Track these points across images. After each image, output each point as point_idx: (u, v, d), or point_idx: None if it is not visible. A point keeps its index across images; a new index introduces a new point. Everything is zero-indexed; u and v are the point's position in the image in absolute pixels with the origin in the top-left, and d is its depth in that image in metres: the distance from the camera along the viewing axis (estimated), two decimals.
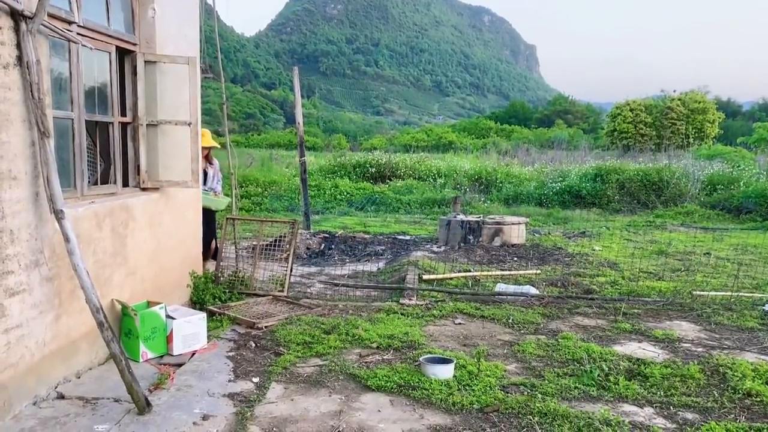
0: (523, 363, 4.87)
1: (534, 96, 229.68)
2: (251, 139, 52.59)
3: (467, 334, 5.65)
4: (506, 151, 31.93)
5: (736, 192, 16.91)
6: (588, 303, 6.75)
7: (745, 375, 4.53)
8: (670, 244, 10.84)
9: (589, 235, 12.28)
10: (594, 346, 5.14)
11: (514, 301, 6.83)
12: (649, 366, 4.70)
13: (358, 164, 21.79)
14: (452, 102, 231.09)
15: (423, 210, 16.61)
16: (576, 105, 78.17)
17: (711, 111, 46.05)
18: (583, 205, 17.28)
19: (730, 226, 14.60)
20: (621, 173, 18.18)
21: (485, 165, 21.75)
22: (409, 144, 43.26)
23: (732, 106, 61.68)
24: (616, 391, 4.29)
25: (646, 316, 6.34)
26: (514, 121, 68.79)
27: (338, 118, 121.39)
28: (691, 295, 7.01)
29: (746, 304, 6.79)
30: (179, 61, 5.38)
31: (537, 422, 3.74)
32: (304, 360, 4.79)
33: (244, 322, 5.65)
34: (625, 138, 44.92)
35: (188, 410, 3.81)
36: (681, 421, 3.88)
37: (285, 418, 3.75)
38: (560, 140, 40.84)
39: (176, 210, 5.83)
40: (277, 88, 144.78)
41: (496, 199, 17.81)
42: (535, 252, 10.01)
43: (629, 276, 8.09)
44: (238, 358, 4.80)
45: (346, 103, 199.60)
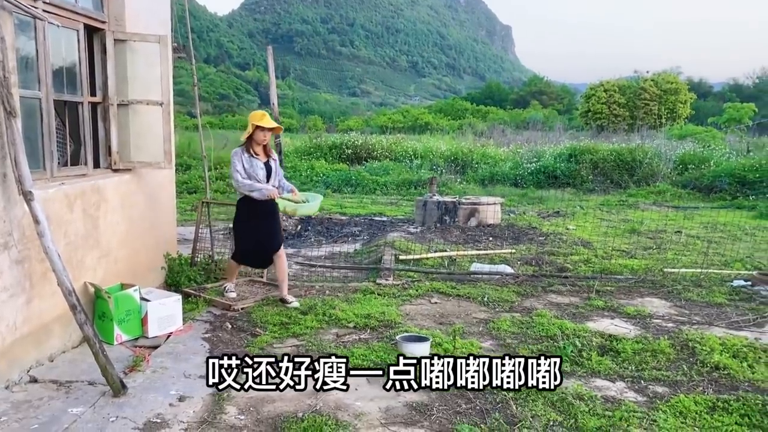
0: (498, 340, 4.94)
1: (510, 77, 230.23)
2: (225, 121, 51.90)
3: (443, 312, 5.71)
4: (482, 132, 32.02)
5: (707, 171, 17.20)
6: (562, 281, 6.85)
7: (713, 349, 4.66)
8: (642, 222, 11.02)
9: (563, 214, 12.42)
10: (567, 323, 5.23)
11: (490, 280, 6.90)
12: (621, 342, 4.80)
13: (335, 145, 21.68)
14: (428, 83, 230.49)
15: (399, 191, 16.62)
16: (551, 86, 78.55)
17: (683, 91, 46.60)
18: (558, 185, 17.45)
19: (701, 204, 14.87)
20: (595, 153, 18.37)
21: (461, 146, 21.78)
22: (385, 125, 43.13)
23: (703, 86, 62.49)
24: (589, 367, 4.38)
25: (619, 293, 6.46)
26: (490, 102, 68.91)
27: (314, 99, 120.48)
28: (662, 273, 7.16)
29: (715, 280, 6.96)
30: (150, 39, 5.28)
31: (512, 398, 3.80)
32: (280, 340, 4.80)
33: (220, 303, 5.63)
34: (599, 118, 45.30)
35: (164, 392, 3.80)
36: (651, 394, 3.98)
37: (262, 398, 3.76)
38: (535, 121, 41.05)
39: (149, 191, 5.76)
40: (252, 69, 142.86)
41: (472, 179, 17.89)
42: (510, 232, 10.10)
43: (602, 254, 8.22)
44: (214, 340, 4.79)
45: (322, 83, 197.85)
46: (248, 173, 5.47)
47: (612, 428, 3.45)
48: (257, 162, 5.53)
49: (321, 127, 44.79)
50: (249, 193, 5.45)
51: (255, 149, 5.53)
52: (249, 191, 5.44)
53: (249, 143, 5.52)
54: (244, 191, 5.47)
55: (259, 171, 5.51)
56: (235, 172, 5.45)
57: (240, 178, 5.43)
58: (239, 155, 5.49)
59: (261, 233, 5.63)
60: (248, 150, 5.51)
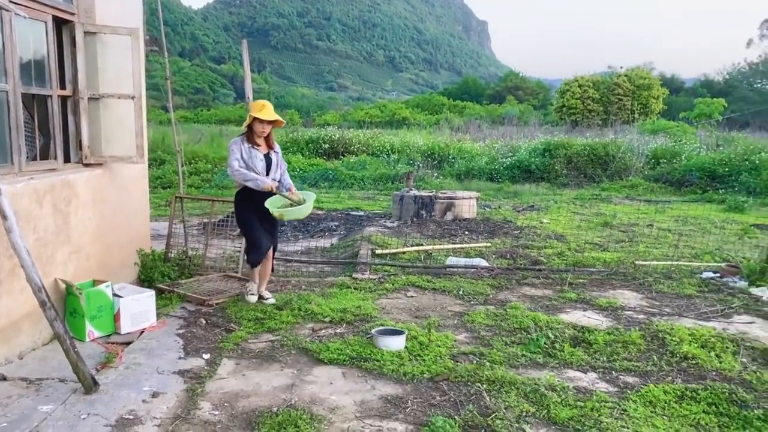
0: (472, 333, 4.99)
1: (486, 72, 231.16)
2: (201, 115, 51.34)
3: (419, 306, 5.73)
4: (459, 127, 32.14)
5: (678, 165, 17.51)
6: (535, 274, 6.93)
7: (683, 339, 4.75)
8: (615, 216, 11.18)
9: (537, 208, 12.54)
10: (541, 315, 5.30)
11: (465, 274, 6.95)
12: (593, 333, 4.88)
13: (311, 140, 21.61)
14: (406, 78, 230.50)
15: (376, 186, 16.63)
16: (526, 81, 79.01)
17: (656, 87, 47.26)
18: (533, 180, 17.61)
19: (672, 198, 15.15)
20: (569, 148, 18.57)
21: (438, 141, 21.86)
22: (362, 120, 42.99)
23: (675, 82, 63.41)
24: (562, 358, 4.44)
25: (591, 285, 6.55)
26: (466, 97, 69.13)
27: (290, 94, 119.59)
28: (634, 265, 7.28)
29: (685, 272, 7.09)
30: (121, 32, 5.21)
31: (485, 389, 3.84)
32: (255, 336, 4.78)
33: (194, 299, 5.59)
34: (573, 114, 45.75)
35: (137, 388, 3.77)
36: (622, 384, 4.05)
37: (236, 393, 3.75)
38: (511, 116, 41.28)
39: (122, 186, 5.69)
40: (227, 63, 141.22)
41: (449, 174, 17.97)
42: (485, 225, 10.17)
43: (575, 247, 8.33)
44: (188, 335, 4.76)
45: (299, 77, 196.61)
46: (246, 163, 5.25)
47: (583, 418, 3.50)
48: (257, 153, 5.31)
49: (298, 121, 44.52)
50: (243, 182, 5.23)
51: (256, 140, 5.33)
52: (243, 180, 5.22)
53: (249, 133, 5.32)
54: (238, 179, 5.25)
55: (258, 162, 5.29)
56: (232, 159, 5.22)
57: (236, 165, 5.21)
58: (238, 144, 5.30)
59: (262, 227, 5.43)
60: (248, 140, 5.31)
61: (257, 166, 5.27)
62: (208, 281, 6.23)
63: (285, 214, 5.27)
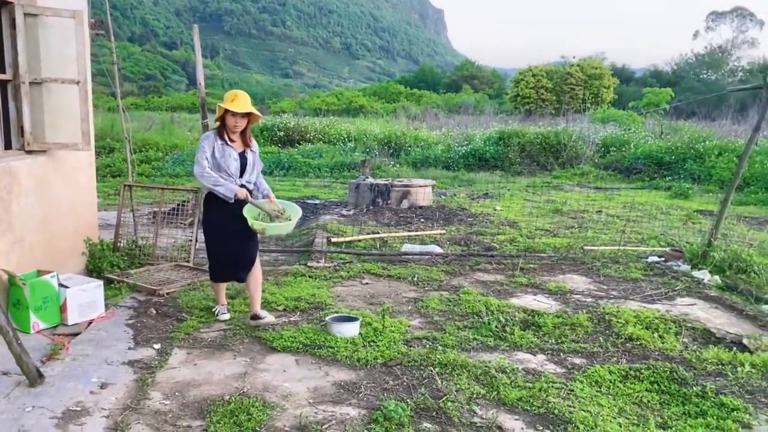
0: (426, 318, 5.05)
1: (442, 61, 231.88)
2: (152, 102, 50.03)
3: (374, 293, 5.77)
4: (415, 116, 32.23)
5: (627, 153, 18.00)
6: (488, 260, 7.05)
7: (628, 321, 4.92)
8: (566, 203, 11.44)
9: (491, 196, 12.72)
10: (492, 300, 5.40)
11: (420, 260, 7.02)
12: (543, 316, 5.00)
13: (266, 127, 21.33)
14: (362, 65, 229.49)
15: (333, 174, 16.57)
16: (482, 70, 79.60)
17: (607, 77, 48.26)
18: (487, 168, 17.83)
19: (621, 185, 15.57)
20: (522, 137, 18.84)
21: (395, 129, 21.87)
22: (319, 107, 42.67)
23: (626, 72, 64.83)
24: (512, 341, 4.54)
25: (542, 270, 6.70)
26: (423, 85, 69.25)
27: (245, 80, 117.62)
28: (583, 250, 7.47)
29: (632, 257, 7.32)
30: (64, 14, 5.04)
31: (437, 373, 3.91)
32: (207, 325, 4.74)
33: (144, 289, 5.49)
34: (527, 103, 46.37)
35: (85, 379, 3.69)
36: (570, 365, 4.17)
37: (188, 383, 3.71)
38: (467, 105, 41.60)
39: (67, 174, 5.53)
40: (179, 48, 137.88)
41: (405, 162, 18.03)
42: (441, 213, 10.27)
43: (527, 233, 8.50)
44: (138, 326, 4.68)
45: (253, 64, 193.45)
46: (218, 163, 4.50)
47: (532, 399, 3.60)
48: (230, 151, 4.55)
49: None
50: (212, 187, 4.46)
51: (230, 136, 4.60)
52: (212, 185, 4.45)
53: (222, 128, 4.59)
54: (207, 184, 4.47)
55: (232, 162, 4.54)
56: (200, 158, 4.45)
57: (205, 165, 4.45)
58: (210, 140, 4.53)
59: (232, 238, 4.64)
60: (221, 136, 4.57)
61: (230, 167, 4.54)
62: (159, 271, 6.12)
63: (267, 229, 4.60)
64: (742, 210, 11.51)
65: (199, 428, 3.18)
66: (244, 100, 4.54)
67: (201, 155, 4.47)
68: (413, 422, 3.29)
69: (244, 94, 4.64)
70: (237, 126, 4.58)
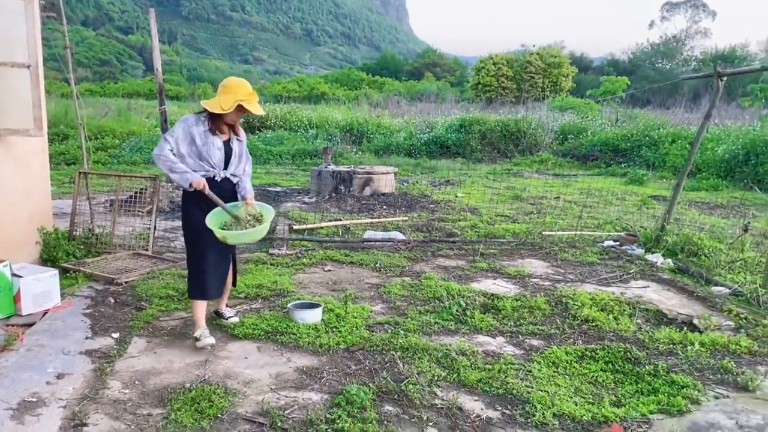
0: (388, 303, 5.09)
1: (404, 48, 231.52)
2: (107, 88, 48.61)
3: (336, 279, 5.78)
4: (378, 103, 32.18)
5: (585, 141, 18.37)
6: (450, 245, 7.13)
7: (584, 304, 5.05)
8: (525, 189, 11.63)
9: (453, 183, 12.84)
10: (454, 285, 5.48)
11: (382, 247, 7.05)
12: (502, 300, 5.09)
13: None
14: (324, 52, 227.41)
15: (294, 161, 16.48)
16: (444, 58, 79.85)
17: (565, 65, 48.98)
18: (449, 155, 17.98)
19: (579, 172, 15.89)
20: (483, 124, 19.03)
21: (357, 116, 21.84)
22: (280, 94, 42.23)
23: (584, 61, 65.85)
24: (472, 324, 4.62)
25: (501, 255, 6.82)
26: (385, 73, 69.12)
27: (203, 66, 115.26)
28: (541, 235, 7.62)
29: (588, 241, 7.50)
30: None
31: (399, 357, 3.95)
32: (167, 313, 4.68)
33: (102, 278, 5.39)
34: (488, 91, 46.73)
35: (41, 370, 3.62)
36: (528, 347, 4.27)
37: (148, 371, 3.67)
38: (429, 93, 41.78)
39: (19, 161, 5.37)
40: (135, 33, 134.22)
41: (367, 149, 18.03)
42: (403, 200, 10.32)
43: (487, 220, 8.62)
44: (96, 315, 4.59)
45: (212, 50, 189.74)
46: (199, 151, 3.95)
47: (491, 380, 3.67)
48: (215, 139, 3.99)
49: (211, 95, 43.13)
50: (168, 172, 3.89)
51: (219, 127, 4.05)
52: (168, 170, 3.87)
53: (214, 119, 4.00)
54: (162, 168, 3.88)
55: (215, 152, 3.99)
56: (165, 140, 3.89)
57: (165, 148, 3.87)
58: (189, 124, 3.95)
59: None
60: (211, 127, 4.01)
61: (213, 156, 3.99)
62: (117, 260, 6.01)
63: (229, 237, 3.92)
64: (694, 195, 11.88)
65: (160, 416, 3.16)
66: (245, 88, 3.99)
67: (168, 136, 3.89)
68: (375, 405, 3.33)
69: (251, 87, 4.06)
70: (236, 121, 4.09)
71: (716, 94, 6.84)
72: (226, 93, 3.94)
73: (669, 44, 63.68)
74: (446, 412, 3.30)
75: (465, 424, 3.20)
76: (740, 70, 8.03)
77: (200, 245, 4.06)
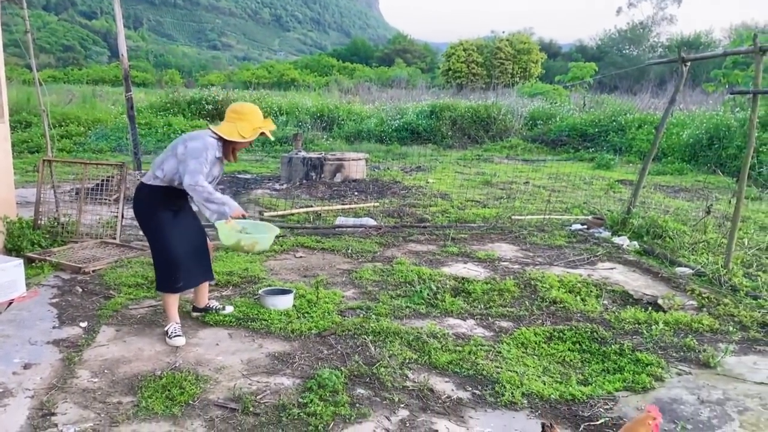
0: (360, 288, 5.11)
1: (374, 34, 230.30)
2: (71, 74, 47.48)
3: (308, 265, 5.78)
4: (348, 89, 32.01)
5: (553, 126, 18.56)
6: (421, 231, 7.17)
7: (552, 286, 5.14)
8: (495, 175, 11.73)
9: (424, 169, 12.88)
10: (425, 269, 5.52)
11: (354, 233, 7.06)
12: (472, 283, 5.15)
13: (194, 101, 20.68)
14: (293, 38, 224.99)
15: (264, 148, 16.31)
16: (414, 44, 79.65)
17: (534, 51, 49.33)
18: (420, 141, 18.00)
19: (548, 157, 16.07)
20: (454, 110, 19.07)
21: (327, 103, 21.70)
22: (249, 81, 41.67)
23: (553, 47, 66.34)
24: (443, 308, 4.67)
25: (472, 239, 6.89)
26: (356, 59, 68.77)
27: (170, 52, 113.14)
28: (511, 220, 7.72)
29: (556, 225, 7.61)
30: None
31: (371, 341, 3.98)
32: (137, 302, 4.63)
33: (68, 267, 5.30)
34: (459, 77, 46.85)
35: (6, 360, 3.56)
36: (497, 329, 4.34)
37: (117, 359, 3.64)
38: (400, 79, 41.64)
39: None
40: (99, 18, 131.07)
41: (338, 136, 17.96)
42: (374, 186, 10.33)
43: (458, 205, 8.69)
44: (63, 304, 4.53)
45: (179, 35, 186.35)
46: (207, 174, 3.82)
47: (461, 361, 3.73)
48: (218, 165, 3.92)
49: (179, 81, 42.47)
50: (203, 202, 3.72)
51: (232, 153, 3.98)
52: (204, 200, 3.71)
53: (227, 143, 3.90)
54: (197, 197, 3.72)
55: (215, 171, 3.92)
56: (199, 168, 3.70)
57: (201, 177, 3.70)
58: (216, 148, 3.84)
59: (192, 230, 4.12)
60: (224, 149, 3.92)
61: (214, 172, 3.91)
62: (84, 248, 5.92)
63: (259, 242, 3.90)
64: (660, 179, 12.12)
65: (130, 404, 3.14)
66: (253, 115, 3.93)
67: (200, 164, 3.69)
68: (347, 389, 3.35)
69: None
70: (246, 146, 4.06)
71: (681, 79, 6.97)
72: (241, 120, 3.88)
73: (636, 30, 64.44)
74: (417, 393, 3.35)
75: (436, 405, 3.25)
76: (704, 56, 8.18)
77: (175, 236, 3.94)
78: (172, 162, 3.82)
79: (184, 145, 3.81)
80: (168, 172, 3.83)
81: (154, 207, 3.92)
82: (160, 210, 3.92)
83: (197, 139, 3.83)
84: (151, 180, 3.90)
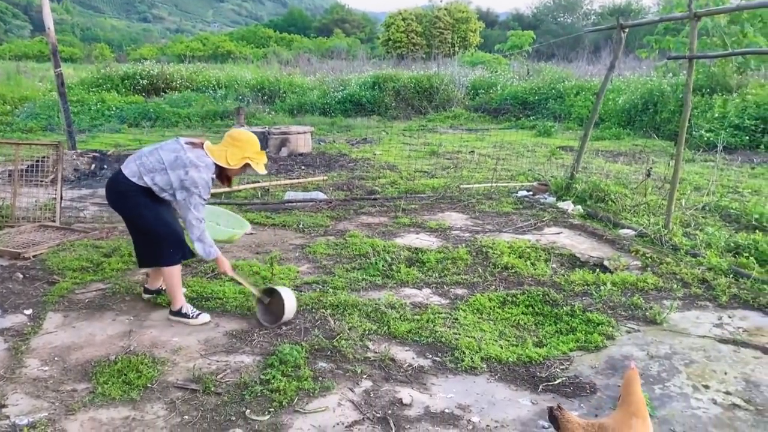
0: (314, 263, 5.08)
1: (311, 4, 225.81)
2: None
3: (259, 242, 5.70)
4: (288, 61, 31.37)
5: (495, 95, 18.75)
6: (371, 203, 7.17)
7: (503, 252, 5.24)
8: (441, 145, 11.80)
9: (370, 141, 12.84)
10: (378, 241, 5.53)
11: (304, 207, 7.00)
12: (426, 253, 5.20)
13: (127, 76, 19.91)
14: (227, 8, 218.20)
15: (204, 123, 15.87)
16: (352, 14, 78.66)
17: (473, 21, 49.56)
18: (364, 113, 17.89)
19: (491, 126, 16.27)
20: (396, 81, 19.00)
21: (267, 75, 21.23)
22: (183, 54, 40.21)
23: (491, 16, 66.80)
24: (399, 278, 4.70)
25: (422, 210, 6.93)
26: (293, 30, 67.43)
27: (98, 25, 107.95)
28: (459, 189, 7.80)
29: (503, 192, 7.75)
30: None
31: (330, 314, 3.98)
32: (83, 286, 4.47)
33: (6, 253, 5.06)
34: (399, 47, 46.63)
35: None
36: (453, 296, 4.41)
37: (68, 346, 3.52)
38: (339, 50, 41.07)
39: None
40: None
41: (281, 109, 17.64)
42: (321, 159, 10.24)
43: (407, 176, 8.71)
44: (3, 292, 4.32)
45: (107, 7, 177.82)
46: None
47: (420, 330, 3.78)
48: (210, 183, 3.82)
49: (109, 56, 40.75)
50: (197, 241, 3.73)
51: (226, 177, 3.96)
52: (196, 239, 3.72)
53: (221, 168, 3.81)
54: (193, 234, 3.71)
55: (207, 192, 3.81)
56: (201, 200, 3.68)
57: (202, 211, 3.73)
58: (211, 172, 3.74)
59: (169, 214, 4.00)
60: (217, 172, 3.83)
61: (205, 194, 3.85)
62: (22, 233, 5.65)
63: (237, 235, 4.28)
64: (599, 145, 12.46)
65: (86, 390, 3.05)
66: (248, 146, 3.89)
67: (200, 196, 3.66)
68: (309, 363, 3.35)
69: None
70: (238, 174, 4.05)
71: (619, 46, 7.13)
72: (234, 146, 3.81)
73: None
74: (379, 363, 3.37)
75: (398, 373, 3.28)
76: (641, 22, 8.36)
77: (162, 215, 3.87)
78: (165, 177, 3.68)
79: (185, 170, 3.64)
80: (160, 184, 3.70)
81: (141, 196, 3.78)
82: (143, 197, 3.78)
83: (199, 168, 3.66)
84: (136, 178, 3.72)
